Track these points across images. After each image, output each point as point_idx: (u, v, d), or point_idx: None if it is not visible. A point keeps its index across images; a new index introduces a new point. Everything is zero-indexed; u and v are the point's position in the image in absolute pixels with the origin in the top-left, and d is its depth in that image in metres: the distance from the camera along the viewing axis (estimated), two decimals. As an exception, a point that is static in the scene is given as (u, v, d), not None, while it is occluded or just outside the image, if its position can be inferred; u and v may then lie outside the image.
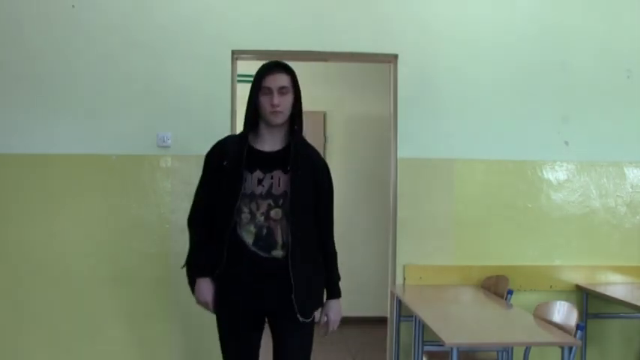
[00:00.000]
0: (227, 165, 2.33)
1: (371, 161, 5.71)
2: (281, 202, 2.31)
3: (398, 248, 3.75)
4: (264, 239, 2.30)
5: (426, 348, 3.26)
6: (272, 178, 2.32)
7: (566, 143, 3.84)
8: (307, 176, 2.36)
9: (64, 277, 3.55)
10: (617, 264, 3.82)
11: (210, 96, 3.64)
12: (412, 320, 3.37)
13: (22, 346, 3.54)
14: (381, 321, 4.40)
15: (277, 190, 2.32)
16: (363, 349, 5.00)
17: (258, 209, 2.31)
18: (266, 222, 2.30)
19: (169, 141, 3.60)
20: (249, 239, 2.31)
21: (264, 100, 2.33)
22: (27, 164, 3.55)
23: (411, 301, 3.30)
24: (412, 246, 3.74)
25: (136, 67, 3.61)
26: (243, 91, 2.82)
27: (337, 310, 2.48)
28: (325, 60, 4.10)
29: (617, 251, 3.83)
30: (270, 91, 2.32)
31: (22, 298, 3.54)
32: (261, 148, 2.38)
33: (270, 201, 2.31)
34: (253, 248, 2.31)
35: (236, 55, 3.71)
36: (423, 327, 3.17)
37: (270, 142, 2.39)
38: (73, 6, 3.58)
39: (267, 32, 3.67)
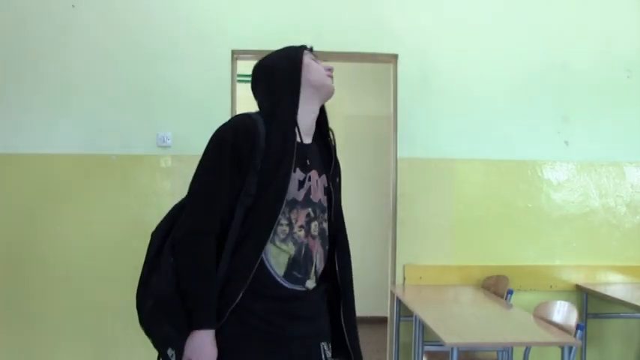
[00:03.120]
0: (263, 161, 1.64)
1: (371, 161, 5.71)
2: (318, 212, 1.74)
3: (398, 248, 3.75)
4: (303, 264, 1.68)
5: (426, 348, 3.26)
6: (310, 179, 1.73)
7: (566, 143, 3.84)
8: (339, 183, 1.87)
9: (64, 276, 3.55)
10: (617, 264, 3.82)
11: (210, 96, 3.64)
12: (412, 320, 3.37)
13: (23, 345, 3.54)
14: (381, 321, 4.40)
15: (315, 197, 1.74)
16: (363, 349, 4.99)
17: (297, 221, 1.68)
18: (305, 238, 1.69)
19: (169, 141, 3.60)
20: (278, 267, 1.65)
21: (314, 64, 1.82)
22: (27, 164, 3.55)
23: (411, 301, 3.30)
24: (412, 246, 3.74)
25: (136, 67, 3.61)
26: (243, 91, 2.83)
27: None
28: (325, 60, 4.09)
29: (617, 251, 3.83)
30: (316, 58, 1.87)
31: (23, 297, 3.54)
32: (297, 138, 1.73)
33: (310, 210, 1.71)
34: (282, 281, 1.65)
35: (236, 55, 3.71)
36: (423, 327, 3.17)
37: (305, 129, 1.77)
38: (73, 6, 3.59)
39: (267, 32, 3.67)
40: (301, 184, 1.70)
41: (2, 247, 3.53)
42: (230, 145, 1.65)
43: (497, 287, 3.52)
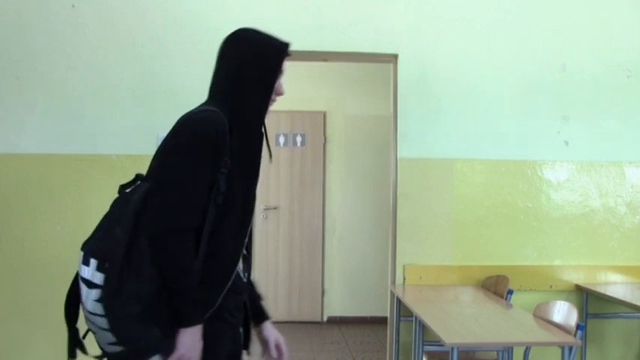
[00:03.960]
0: (231, 159, 1.65)
1: (371, 161, 5.71)
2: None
3: (398, 248, 3.75)
4: (246, 257, 1.81)
5: (426, 348, 3.26)
6: None
7: (566, 143, 3.84)
8: None
9: (64, 277, 3.51)
10: (617, 264, 3.81)
11: (210, 96, 3.63)
12: (412, 320, 3.37)
13: (23, 345, 3.54)
14: (381, 321, 4.40)
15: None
16: (363, 349, 5.00)
17: None
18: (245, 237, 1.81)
19: (169, 141, 3.59)
20: (240, 263, 1.77)
21: (278, 85, 1.77)
22: (27, 164, 3.55)
23: (411, 301, 3.30)
24: (412, 246, 3.74)
25: (135, 67, 3.61)
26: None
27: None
28: (325, 60, 4.10)
29: (617, 251, 3.83)
30: (282, 74, 1.80)
31: (22, 298, 3.54)
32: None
33: None
34: (242, 275, 1.79)
35: (236, 55, 3.71)
36: (423, 327, 3.17)
37: None
38: (73, 6, 3.59)
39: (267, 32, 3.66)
40: None
41: (2, 246, 3.53)
42: (213, 142, 1.62)
43: (497, 287, 3.52)
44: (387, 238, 3.91)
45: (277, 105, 1.85)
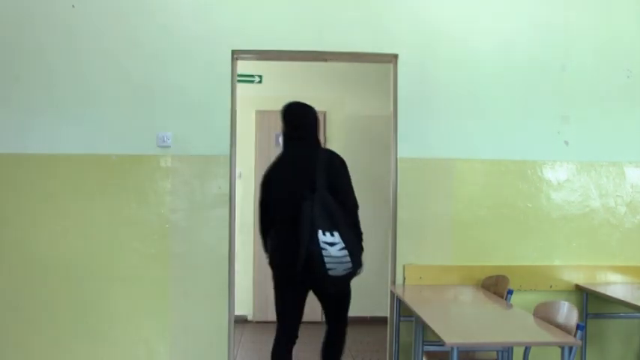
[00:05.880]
0: None
1: (371, 161, 5.71)
2: None
3: (398, 248, 3.75)
4: None
5: (426, 348, 3.26)
6: None
7: (566, 143, 3.84)
8: None
9: (63, 276, 3.55)
10: (617, 264, 3.82)
11: (210, 96, 3.64)
12: (412, 320, 3.37)
13: (22, 345, 3.54)
14: (381, 321, 4.40)
15: None
16: (363, 349, 5.00)
17: None
18: None
19: (169, 141, 3.60)
20: None
21: None
22: (27, 164, 3.55)
23: (411, 301, 3.30)
24: (412, 246, 3.74)
25: (136, 67, 3.61)
26: (244, 90, 2.84)
27: None
28: (325, 60, 4.10)
29: (617, 251, 3.83)
30: None
31: (22, 298, 3.54)
32: None
33: None
34: None
35: (236, 55, 3.71)
36: (423, 327, 3.17)
37: None
38: (73, 6, 3.59)
39: (267, 32, 3.67)
40: None
41: (2, 246, 3.54)
42: None
43: (497, 287, 3.52)
44: (387, 238, 3.91)
45: (278, 105, 1.86)
